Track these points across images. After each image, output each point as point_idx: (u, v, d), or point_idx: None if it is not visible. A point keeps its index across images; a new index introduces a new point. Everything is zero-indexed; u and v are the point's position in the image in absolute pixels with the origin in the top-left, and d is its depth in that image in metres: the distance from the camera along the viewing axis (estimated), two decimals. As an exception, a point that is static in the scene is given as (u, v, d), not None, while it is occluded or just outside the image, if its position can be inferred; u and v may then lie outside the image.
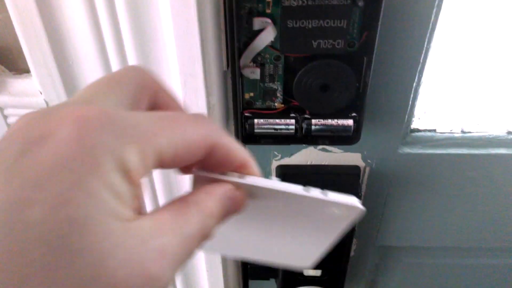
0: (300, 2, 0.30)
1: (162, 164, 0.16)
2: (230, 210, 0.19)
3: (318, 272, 0.47)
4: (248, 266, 0.53)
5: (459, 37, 0.38)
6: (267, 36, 0.32)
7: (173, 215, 0.17)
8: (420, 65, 0.36)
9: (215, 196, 0.18)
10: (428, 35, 0.34)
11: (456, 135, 0.42)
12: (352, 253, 0.52)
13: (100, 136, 0.14)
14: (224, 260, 0.51)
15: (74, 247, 0.13)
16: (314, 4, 0.29)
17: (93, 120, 0.15)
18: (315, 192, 0.19)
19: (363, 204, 0.19)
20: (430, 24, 0.34)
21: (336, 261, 0.46)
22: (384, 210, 0.47)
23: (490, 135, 0.42)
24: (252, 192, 0.20)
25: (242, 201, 0.20)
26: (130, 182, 0.15)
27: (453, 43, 0.38)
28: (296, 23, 0.30)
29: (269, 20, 0.32)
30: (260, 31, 0.32)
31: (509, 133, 0.42)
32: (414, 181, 0.44)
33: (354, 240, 0.50)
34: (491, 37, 0.39)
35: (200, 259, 0.50)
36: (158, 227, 0.16)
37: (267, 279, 0.53)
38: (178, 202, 0.17)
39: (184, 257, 0.16)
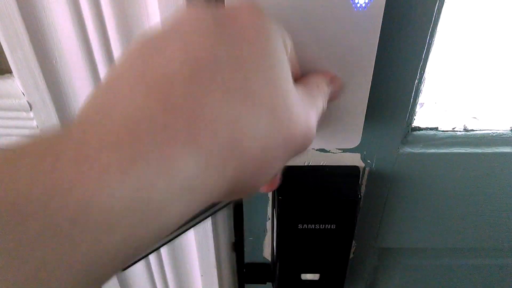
0: None
1: None
2: (335, 91, 0.28)
3: (316, 276, 0.46)
4: (244, 270, 0.51)
5: (461, 33, 0.37)
6: None
7: (306, 93, 0.22)
8: (422, 62, 0.34)
9: (326, 82, 0.26)
10: (430, 30, 0.33)
11: (458, 133, 0.40)
12: (351, 255, 0.50)
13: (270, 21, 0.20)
14: (219, 264, 0.49)
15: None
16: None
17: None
18: None
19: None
20: (432, 19, 0.32)
21: (335, 264, 0.45)
22: (383, 211, 0.46)
23: (494, 132, 0.40)
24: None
25: (341, 84, 0.28)
26: None
27: (455, 39, 0.37)
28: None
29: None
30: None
31: (513, 130, 0.40)
32: (415, 182, 0.43)
33: (353, 242, 0.49)
34: (494, 33, 0.37)
35: (194, 263, 0.49)
36: (302, 98, 0.21)
37: (264, 283, 0.51)
38: (306, 86, 0.24)
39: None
